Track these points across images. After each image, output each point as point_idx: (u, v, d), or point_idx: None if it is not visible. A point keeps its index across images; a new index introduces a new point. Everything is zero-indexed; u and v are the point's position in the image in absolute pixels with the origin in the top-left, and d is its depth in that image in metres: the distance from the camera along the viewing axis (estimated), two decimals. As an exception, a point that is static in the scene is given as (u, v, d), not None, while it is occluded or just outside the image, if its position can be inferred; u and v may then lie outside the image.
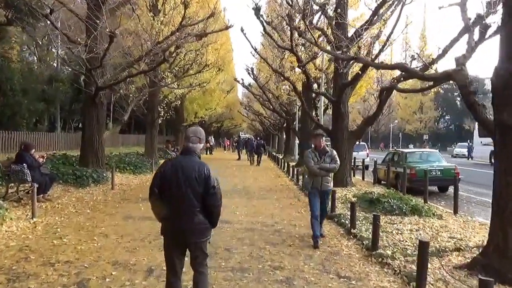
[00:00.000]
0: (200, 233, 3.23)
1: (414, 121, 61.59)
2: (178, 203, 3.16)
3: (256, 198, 10.58)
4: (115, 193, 10.60)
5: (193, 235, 3.21)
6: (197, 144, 3.33)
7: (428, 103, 61.54)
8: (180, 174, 3.16)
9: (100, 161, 13.43)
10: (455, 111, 66.35)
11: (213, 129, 59.07)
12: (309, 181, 6.16)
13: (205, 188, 3.17)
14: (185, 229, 3.19)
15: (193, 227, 3.19)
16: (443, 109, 67.32)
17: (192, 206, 3.16)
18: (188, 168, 3.18)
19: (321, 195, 6.15)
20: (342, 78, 13.01)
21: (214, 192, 3.21)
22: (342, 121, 13.14)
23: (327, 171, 6.02)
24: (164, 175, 3.20)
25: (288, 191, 12.44)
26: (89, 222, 6.81)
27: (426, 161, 13.87)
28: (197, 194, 3.16)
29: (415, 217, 7.67)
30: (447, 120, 70.73)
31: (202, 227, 3.23)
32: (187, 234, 3.21)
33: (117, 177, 13.77)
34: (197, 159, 3.28)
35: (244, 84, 26.19)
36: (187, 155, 3.29)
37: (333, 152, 6.17)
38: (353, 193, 11.42)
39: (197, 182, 3.15)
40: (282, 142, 41.49)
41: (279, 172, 19.61)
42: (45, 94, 27.73)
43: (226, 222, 7.13)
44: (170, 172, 3.19)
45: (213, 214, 3.27)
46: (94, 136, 13.28)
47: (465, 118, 57.75)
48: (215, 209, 3.27)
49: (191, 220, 3.17)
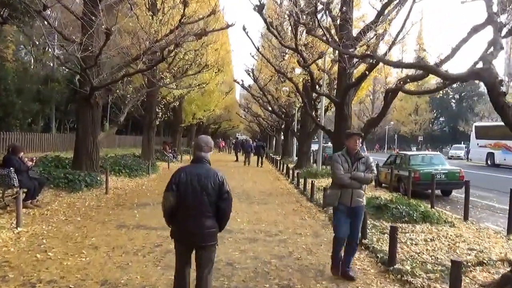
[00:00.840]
0: (210, 237, 3.39)
1: (409, 123, 61.98)
2: (193, 209, 3.32)
3: (257, 203, 10.13)
4: (109, 198, 10.12)
5: (203, 239, 3.36)
6: (208, 153, 3.54)
7: (424, 105, 61.93)
8: (196, 182, 3.34)
9: (94, 164, 12.94)
10: (449, 113, 66.62)
11: (211, 130, 58.69)
12: (335, 194, 4.72)
13: (219, 194, 3.35)
14: (196, 233, 3.34)
15: (204, 231, 3.34)
16: (438, 111, 67.52)
17: (206, 211, 3.34)
18: (203, 176, 3.36)
19: (352, 214, 4.68)
20: (346, 79, 12.59)
21: (227, 198, 3.39)
22: (345, 123, 12.69)
23: (360, 183, 4.64)
24: (180, 183, 3.35)
25: (289, 195, 12.00)
26: (79, 232, 6.31)
27: (429, 164, 13.47)
28: (211, 200, 3.33)
29: (427, 224, 7.24)
30: (442, 122, 71.02)
31: (212, 231, 3.40)
32: (197, 237, 3.36)
33: (112, 181, 13.30)
34: (209, 167, 3.48)
35: (243, 85, 25.72)
36: (199, 163, 3.47)
37: (369, 159, 4.77)
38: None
39: (213, 189, 3.33)
40: (279, 144, 41.11)
41: (278, 175, 19.17)
42: (40, 95, 27.25)
43: (228, 231, 6.67)
44: (186, 179, 3.36)
45: (224, 218, 3.46)
46: (88, 137, 12.79)
47: (459, 120, 57.88)
48: (226, 214, 3.45)
49: (203, 225, 3.34)
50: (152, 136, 21.68)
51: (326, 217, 8.29)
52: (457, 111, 65.20)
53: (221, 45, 22.26)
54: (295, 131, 24.95)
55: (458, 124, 57.98)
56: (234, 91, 52.14)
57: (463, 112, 61.93)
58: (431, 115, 63.86)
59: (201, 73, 18.26)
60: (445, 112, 68.51)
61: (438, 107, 66.91)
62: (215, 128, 58.55)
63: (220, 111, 38.49)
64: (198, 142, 3.53)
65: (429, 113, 62.92)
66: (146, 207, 8.90)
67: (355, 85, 12.06)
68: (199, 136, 3.71)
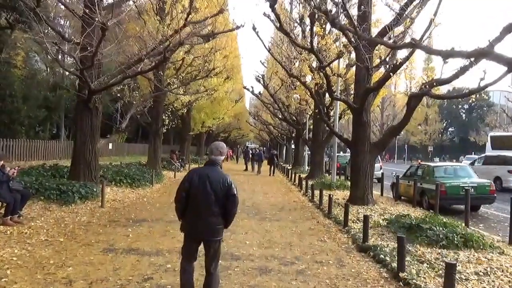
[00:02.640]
0: (217, 233, 3.77)
1: (419, 133, 60.78)
2: (203, 207, 3.69)
3: (268, 220, 9.06)
4: (103, 212, 9.14)
5: (210, 234, 3.73)
6: (218, 156, 3.90)
7: (433, 115, 60.90)
8: (207, 182, 3.70)
9: (93, 173, 12.00)
10: (459, 123, 65.18)
11: (221, 138, 57.84)
12: None
13: (226, 195, 3.72)
14: (204, 229, 3.72)
15: (211, 227, 3.71)
16: (447, 121, 66.20)
17: (213, 210, 3.69)
18: (214, 177, 3.74)
19: None
20: (365, 83, 11.54)
21: (234, 199, 3.76)
22: (364, 131, 11.63)
23: None
24: (192, 182, 3.73)
25: (303, 209, 10.89)
26: (56, 258, 5.28)
27: (456, 176, 12.23)
28: (219, 200, 3.70)
29: (471, 251, 6.07)
30: (451, 132, 69.48)
31: (218, 228, 3.78)
32: (205, 233, 3.74)
33: (112, 192, 12.38)
34: (220, 170, 3.85)
35: (253, 92, 24.82)
36: (211, 166, 3.86)
37: None
38: (379, 213, 9.88)
39: (221, 190, 3.70)
40: (290, 153, 40.04)
41: (289, 185, 18.06)
42: (47, 101, 26.76)
43: (235, 258, 5.63)
44: (198, 180, 3.72)
45: (230, 217, 3.84)
46: (86, 145, 11.88)
47: (470, 131, 56.32)
48: (232, 213, 3.82)
49: (211, 221, 3.70)
50: (159, 144, 20.77)
51: (348, 238, 7.16)
52: (467, 121, 63.77)
53: (230, 52, 21.43)
54: (307, 140, 23.87)
55: (468, 134, 56.69)
56: (244, 99, 51.37)
57: (473, 122, 60.37)
58: (440, 125, 62.54)
59: (209, 77, 17.32)
60: (455, 122, 67.24)
61: (448, 117, 65.80)
62: (225, 136, 57.78)
63: (229, 119, 37.61)
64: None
65: (438, 123, 61.60)
66: (143, 225, 7.89)
67: (376, 89, 11.01)
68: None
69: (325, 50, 13.56)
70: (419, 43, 6.09)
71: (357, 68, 11.73)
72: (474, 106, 63.94)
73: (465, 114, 66.42)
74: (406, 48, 6.91)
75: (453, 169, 12.75)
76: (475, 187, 11.32)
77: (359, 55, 11.36)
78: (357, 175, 11.61)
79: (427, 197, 11.85)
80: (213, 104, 30.36)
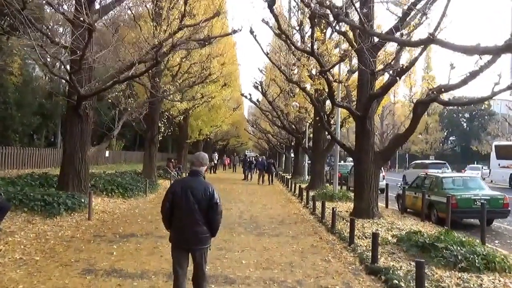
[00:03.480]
0: (203, 241, 3.90)
1: (419, 142, 60.28)
2: (187, 216, 3.83)
3: (267, 235, 8.43)
4: (90, 225, 8.51)
5: (196, 243, 3.87)
6: (200, 167, 4.06)
7: (434, 124, 60.47)
8: (189, 192, 3.84)
9: (83, 183, 11.39)
10: (460, 132, 64.66)
11: (219, 147, 57.21)
12: None
13: (209, 204, 3.85)
14: (190, 238, 3.85)
15: (197, 236, 3.85)
16: (448, 130, 65.71)
17: (198, 219, 3.82)
18: (196, 187, 3.88)
19: None
20: (368, 89, 10.99)
21: (216, 207, 3.87)
22: (367, 139, 11.06)
23: None
24: (176, 193, 3.89)
25: (304, 223, 10.26)
26: (26, 282, 4.64)
27: (466, 188, 11.60)
28: (202, 209, 3.83)
29: (494, 275, 5.44)
30: (452, 142, 68.90)
31: (204, 236, 3.90)
32: (192, 241, 3.87)
33: (103, 202, 11.76)
34: (202, 180, 4.00)
35: (251, 99, 24.30)
36: (194, 176, 4.02)
37: None
38: (386, 228, 9.26)
39: (204, 199, 3.83)
40: (289, 162, 39.42)
41: (289, 196, 17.43)
42: (43, 108, 26.25)
43: (229, 282, 5.01)
44: (181, 190, 3.88)
45: (214, 225, 3.93)
46: (76, 153, 11.29)
47: (471, 140, 55.76)
48: (216, 221, 3.92)
49: (196, 231, 3.84)
50: (154, 152, 20.14)
51: (355, 258, 6.53)
52: (469, 130, 63.24)
53: (227, 59, 20.90)
54: (307, 148, 23.29)
55: (469, 143, 56.08)
56: (242, 107, 50.91)
57: (474, 131, 59.84)
58: (441, 134, 62.08)
59: (205, 83, 16.80)
60: (456, 131, 66.69)
61: (448, 126, 65.27)
62: (223, 144, 57.14)
63: (227, 127, 37.07)
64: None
65: (439, 132, 61.14)
66: (130, 240, 7.26)
67: (381, 95, 10.47)
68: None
69: (325, 55, 13.08)
70: (439, 39, 5.49)
71: (360, 74, 11.19)
72: (475, 115, 63.51)
73: (466, 123, 65.94)
74: (423, 44, 6.26)
75: (463, 180, 12.14)
76: (488, 199, 10.70)
77: (362, 58, 10.86)
78: (361, 186, 11.01)
79: (436, 210, 11.24)
80: (211, 112, 29.89)
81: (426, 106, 10.35)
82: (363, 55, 9.82)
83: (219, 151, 58.77)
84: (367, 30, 7.07)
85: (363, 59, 10.70)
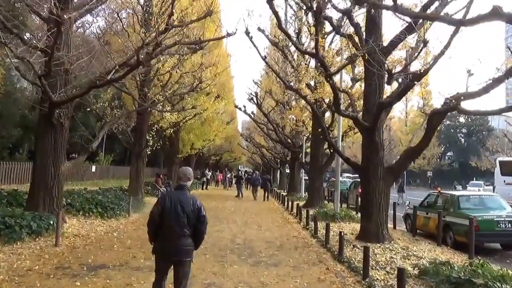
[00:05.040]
0: (187, 253, 4.10)
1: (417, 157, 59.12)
2: (174, 228, 4.00)
3: (264, 264, 7.14)
4: (55, 253, 7.17)
5: (181, 255, 4.05)
6: (187, 182, 4.25)
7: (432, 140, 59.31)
8: (178, 206, 4.02)
9: (55, 201, 10.01)
10: (458, 148, 63.96)
11: (212, 162, 55.75)
12: None
13: (197, 217, 4.08)
14: (175, 250, 4.02)
15: (182, 248, 4.04)
16: (445, 146, 64.96)
17: (185, 231, 4.03)
18: (185, 201, 4.08)
19: None
20: (377, 97, 9.91)
21: (203, 220, 4.13)
22: (376, 153, 9.92)
23: None
24: (165, 206, 4.04)
25: (306, 248, 8.98)
26: None
27: (486, 208, 10.46)
28: (190, 222, 4.04)
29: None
30: (450, 157, 68.13)
31: (190, 249, 4.11)
32: (176, 253, 4.04)
33: (78, 224, 10.42)
34: (189, 194, 4.21)
35: (246, 111, 23.22)
36: (181, 190, 4.22)
37: None
38: (402, 255, 8.04)
39: (191, 212, 4.04)
40: (284, 177, 38.12)
41: (286, 215, 16.12)
42: (25, 120, 24.88)
43: None
44: (170, 204, 4.04)
45: (199, 238, 4.18)
46: (47, 168, 9.96)
47: (470, 155, 54.97)
48: (202, 234, 4.17)
49: (181, 242, 4.02)
50: (142, 167, 18.77)
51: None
52: (466, 146, 62.57)
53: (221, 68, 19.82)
54: (304, 163, 22.11)
55: (468, 159, 55.29)
56: (235, 121, 49.88)
57: (473, 147, 59.18)
58: (439, 150, 61.31)
59: (196, 91, 15.68)
60: (454, 146, 65.98)
61: (446, 142, 64.54)
62: (216, 159, 55.72)
63: (220, 141, 35.82)
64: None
65: (437, 147, 60.37)
66: (99, 274, 5.94)
67: (392, 103, 9.38)
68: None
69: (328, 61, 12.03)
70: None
71: (368, 80, 10.12)
72: (473, 131, 62.98)
73: (464, 139, 65.40)
74: (486, 21, 4.79)
75: (481, 199, 10.99)
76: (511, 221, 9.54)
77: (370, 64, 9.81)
78: (369, 206, 9.82)
79: (452, 233, 10.05)
80: (204, 125, 28.74)
81: (442, 117, 9.29)
82: (373, 58, 8.76)
83: (212, 167, 57.34)
84: (399, 8, 5.92)
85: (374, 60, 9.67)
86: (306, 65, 14.16)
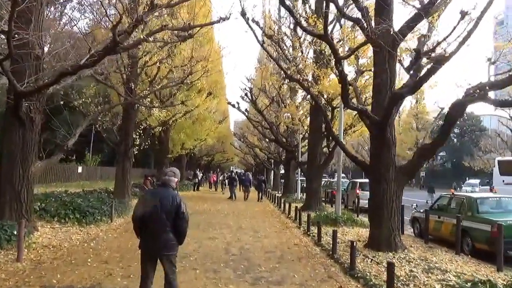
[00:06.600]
0: (170, 248, 4.28)
1: (409, 157, 58.37)
2: (155, 224, 4.18)
3: (265, 282, 6.01)
4: (15, 271, 5.96)
5: (164, 249, 4.23)
6: (171, 178, 4.39)
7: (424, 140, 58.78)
8: (158, 202, 4.19)
9: (24, 207, 8.77)
10: (451, 148, 63.43)
11: (204, 162, 54.41)
12: None
13: (176, 213, 4.23)
14: (159, 245, 4.19)
15: (165, 243, 4.21)
16: (438, 146, 64.48)
17: (165, 227, 4.19)
18: (165, 197, 4.24)
19: None
20: (388, 89, 8.84)
21: (183, 216, 4.28)
22: (388, 151, 8.84)
23: None
24: (146, 202, 4.29)
25: (310, 259, 7.85)
26: None
27: (507, 212, 9.44)
28: (170, 218, 4.20)
29: None
30: (443, 157, 67.64)
31: (172, 243, 4.28)
32: (160, 248, 4.22)
33: (52, 232, 9.22)
34: (171, 190, 4.35)
35: (240, 108, 22.07)
36: (163, 187, 4.38)
37: None
38: (422, 268, 6.95)
39: (171, 208, 4.20)
40: (278, 178, 37.00)
41: (283, 218, 15.00)
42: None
43: None
44: (150, 200, 4.29)
45: (181, 234, 4.32)
46: (15, 169, 8.73)
47: (463, 155, 54.42)
48: (182, 229, 4.31)
49: (164, 237, 4.19)
50: (129, 168, 17.48)
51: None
52: (459, 146, 62.10)
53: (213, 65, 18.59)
54: (301, 163, 21.00)
55: (461, 159, 54.76)
56: (228, 120, 48.65)
57: (465, 146, 58.75)
58: (431, 150, 60.75)
59: (185, 84, 14.52)
60: (446, 146, 65.35)
61: (438, 142, 63.97)
62: (208, 160, 54.40)
63: (213, 141, 34.58)
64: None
65: (429, 147, 59.82)
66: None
67: (410, 92, 8.29)
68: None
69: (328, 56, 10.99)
70: None
71: (377, 70, 9.04)
72: (466, 131, 62.58)
73: (456, 139, 64.95)
74: None
75: (501, 202, 9.95)
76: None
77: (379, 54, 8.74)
78: (379, 210, 8.72)
79: (471, 239, 9.01)
80: (195, 124, 27.56)
81: (463, 109, 8.22)
82: (386, 42, 7.69)
83: (204, 167, 56.00)
84: None
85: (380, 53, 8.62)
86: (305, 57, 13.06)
